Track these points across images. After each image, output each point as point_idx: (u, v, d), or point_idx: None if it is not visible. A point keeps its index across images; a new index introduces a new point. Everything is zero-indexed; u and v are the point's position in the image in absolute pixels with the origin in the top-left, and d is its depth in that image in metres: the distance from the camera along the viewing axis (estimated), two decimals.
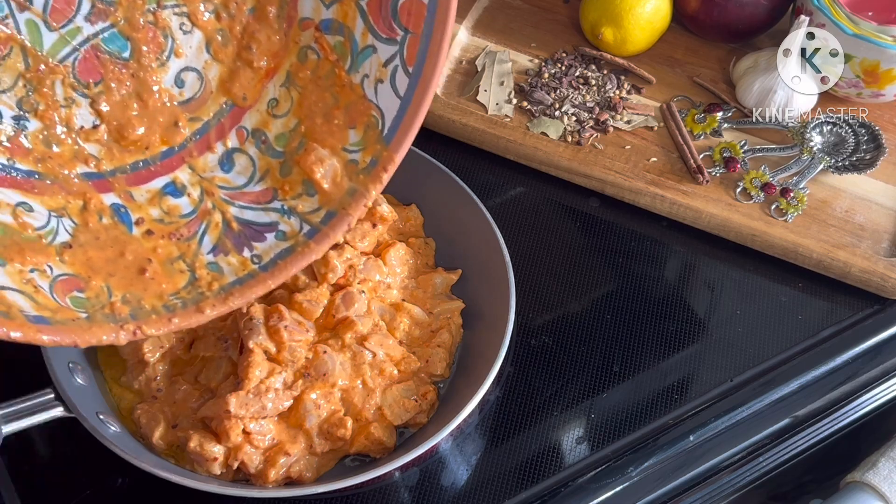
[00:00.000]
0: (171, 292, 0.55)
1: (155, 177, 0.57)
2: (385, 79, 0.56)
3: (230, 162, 0.59)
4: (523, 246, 0.70)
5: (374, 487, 0.59)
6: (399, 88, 0.56)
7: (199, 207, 0.58)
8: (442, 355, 0.61)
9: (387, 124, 0.57)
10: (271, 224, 0.58)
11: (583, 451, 0.61)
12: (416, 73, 0.55)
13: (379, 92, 0.57)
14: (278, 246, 0.58)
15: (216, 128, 0.58)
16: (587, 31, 0.82)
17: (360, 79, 0.57)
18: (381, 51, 0.56)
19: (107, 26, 0.52)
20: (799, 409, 0.65)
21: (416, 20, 0.54)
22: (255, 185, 0.59)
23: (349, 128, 0.58)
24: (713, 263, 0.73)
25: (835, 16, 0.74)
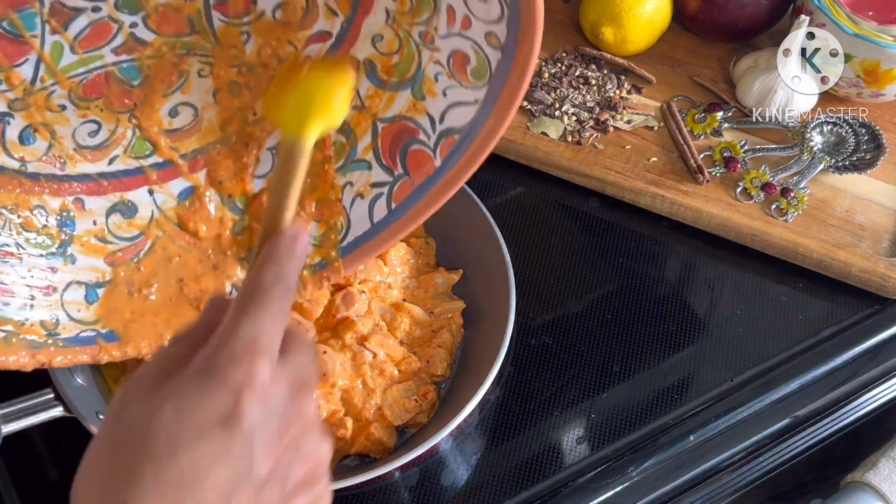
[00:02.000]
0: (90, 320, 0.54)
1: (113, 191, 0.56)
2: (366, 197, 0.57)
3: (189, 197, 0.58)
4: (523, 246, 0.70)
5: (374, 487, 0.59)
6: (374, 215, 0.56)
7: (143, 234, 0.57)
8: (443, 355, 0.61)
9: (348, 238, 0.57)
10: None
11: (583, 451, 0.61)
12: (397, 214, 0.56)
13: (355, 204, 0.57)
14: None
15: (190, 162, 0.57)
16: (587, 31, 0.82)
17: (343, 182, 0.57)
18: (374, 172, 0.57)
19: (130, 59, 0.51)
20: (799, 409, 0.65)
21: (420, 172, 0.55)
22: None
23: (314, 220, 0.58)
24: (713, 263, 0.73)
25: (835, 16, 0.74)
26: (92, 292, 0.55)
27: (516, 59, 0.47)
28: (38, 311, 0.53)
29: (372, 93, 0.56)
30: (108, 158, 0.55)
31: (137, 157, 0.55)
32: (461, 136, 0.52)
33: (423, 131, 0.54)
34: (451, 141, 0.53)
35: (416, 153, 0.55)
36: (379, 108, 0.56)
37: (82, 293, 0.55)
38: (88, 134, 0.53)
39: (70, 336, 0.54)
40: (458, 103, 0.52)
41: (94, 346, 0.54)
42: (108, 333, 0.55)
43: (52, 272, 0.54)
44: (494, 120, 0.50)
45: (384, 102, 0.55)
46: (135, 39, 0.51)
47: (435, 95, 0.53)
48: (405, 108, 0.55)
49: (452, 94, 0.52)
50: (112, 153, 0.55)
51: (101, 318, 0.55)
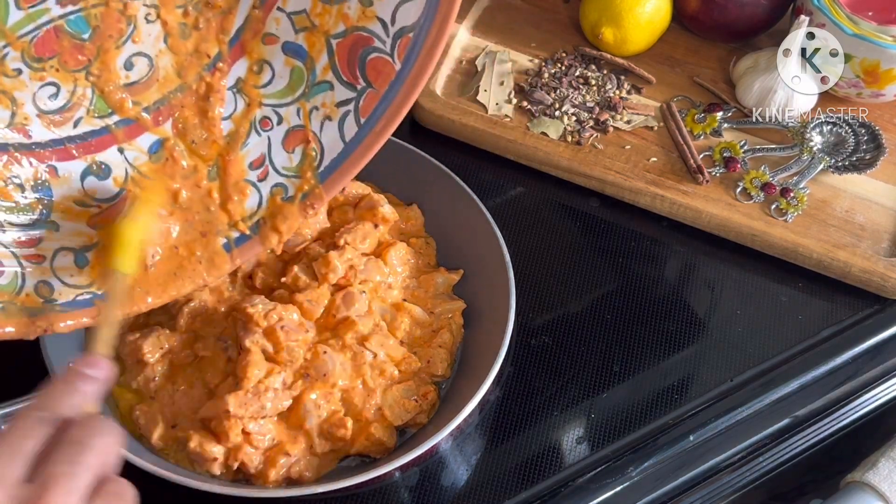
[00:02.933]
0: (84, 284, 0.55)
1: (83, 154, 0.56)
2: (334, 118, 0.57)
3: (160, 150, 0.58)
4: (523, 246, 0.70)
5: (374, 487, 0.59)
6: (346, 133, 0.56)
7: (122, 193, 0.57)
8: (443, 356, 0.61)
9: (324, 162, 0.57)
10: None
11: (583, 451, 0.61)
12: (368, 126, 0.55)
13: (324, 128, 0.57)
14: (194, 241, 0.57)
15: (154, 113, 0.57)
16: (587, 31, 0.82)
17: (309, 108, 0.57)
18: (337, 91, 0.56)
19: (76, 10, 0.51)
20: (799, 409, 0.65)
21: (382, 80, 0.54)
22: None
23: (287, 151, 0.58)
24: (713, 263, 0.73)
25: (835, 16, 0.74)
26: (81, 256, 0.55)
27: None
28: (31, 280, 0.53)
29: (320, 10, 0.56)
30: (72, 121, 0.55)
31: (101, 117, 0.55)
32: (416, 32, 0.52)
33: (377, 38, 0.54)
34: (406, 40, 0.53)
35: (375, 61, 0.54)
36: (330, 25, 0.56)
37: (71, 259, 0.55)
38: (48, 97, 0.53)
39: (67, 301, 0.54)
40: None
41: (92, 308, 0.55)
42: (105, 294, 0.55)
43: (38, 241, 0.54)
44: (445, 6, 0.50)
45: (334, 18, 0.55)
46: None
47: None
48: (355, 17, 0.54)
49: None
50: (76, 115, 0.55)
51: (96, 280, 0.55)
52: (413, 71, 0.53)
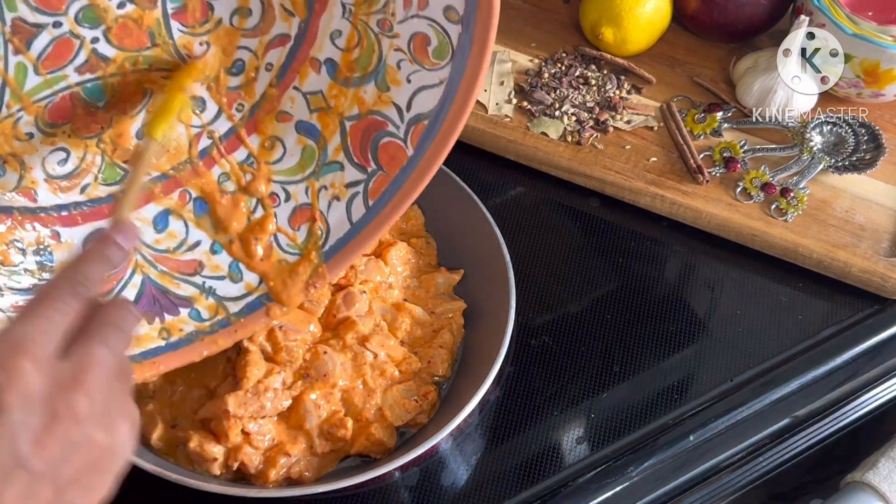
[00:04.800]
0: None
1: (87, 220, 0.55)
2: (342, 198, 0.57)
3: (164, 222, 0.57)
4: (523, 246, 0.70)
5: (374, 487, 0.59)
6: (353, 215, 0.56)
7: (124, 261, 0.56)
8: (444, 356, 0.61)
9: (329, 242, 0.57)
10: (188, 298, 0.57)
11: (583, 451, 0.61)
12: (375, 210, 0.56)
13: (332, 208, 0.57)
14: (189, 325, 0.57)
15: (163, 183, 0.57)
16: (587, 31, 0.82)
17: (318, 186, 0.57)
18: (347, 172, 0.56)
19: (93, 78, 0.51)
20: (799, 409, 0.65)
21: (394, 164, 0.55)
22: (183, 254, 0.58)
23: (293, 229, 0.58)
24: (713, 263, 0.73)
25: (835, 16, 0.74)
26: None
27: (476, 29, 0.47)
28: None
29: (336, 92, 0.55)
30: (79, 188, 0.54)
31: (108, 185, 0.55)
32: (430, 120, 0.52)
33: (391, 123, 0.54)
34: (421, 127, 0.53)
35: (388, 146, 0.55)
36: (345, 107, 0.56)
37: None
38: (58, 163, 0.53)
39: None
40: (424, 87, 0.52)
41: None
42: None
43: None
44: (462, 97, 0.50)
45: (349, 100, 0.55)
46: (97, 56, 0.50)
47: (399, 84, 0.53)
48: (371, 102, 0.54)
49: (417, 79, 0.52)
50: (83, 181, 0.54)
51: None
52: (425, 157, 0.53)
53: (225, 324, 0.57)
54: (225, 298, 0.58)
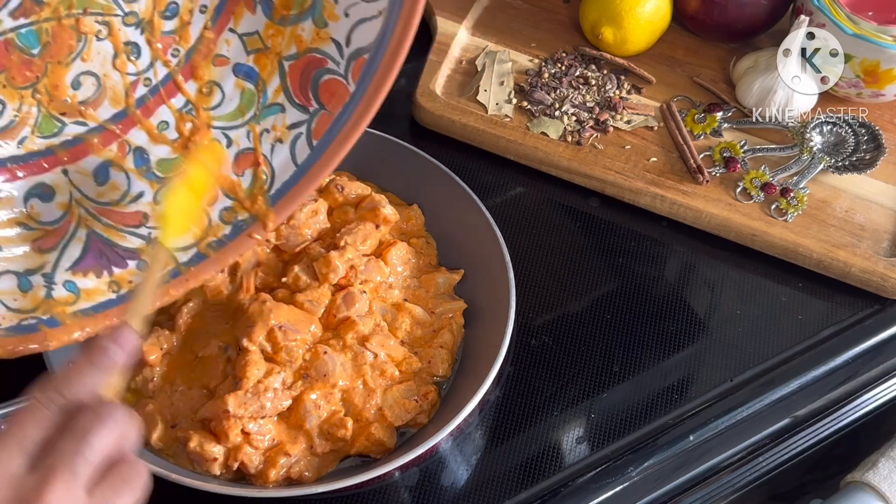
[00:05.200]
0: (29, 308, 0.54)
1: (27, 175, 0.55)
2: (285, 140, 0.56)
3: (105, 174, 0.57)
4: (523, 246, 0.70)
5: (374, 487, 0.59)
6: (297, 156, 0.55)
7: (66, 216, 0.56)
8: (444, 356, 0.61)
9: (275, 185, 0.56)
10: (135, 250, 0.56)
11: (583, 451, 0.61)
12: (320, 149, 0.54)
13: (275, 150, 0.56)
14: (138, 277, 0.56)
15: (101, 134, 0.56)
16: (587, 31, 0.82)
17: (260, 130, 0.56)
18: (289, 113, 0.56)
19: (27, 23, 0.50)
20: (799, 409, 0.65)
21: (336, 101, 0.54)
22: (127, 206, 0.57)
23: (237, 175, 0.57)
24: (713, 263, 0.73)
25: (835, 16, 0.74)
26: (24, 280, 0.54)
27: None
28: None
29: (273, 31, 0.55)
30: (17, 140, 0.54)
31: (46, 137, 0.54)
32: (371, 54, 0.51)
33: (331, 59, 0.53)
34: (362, 61, 0.52)
35: (328, 83, 0.54)
36: (283, 47, 0.55)
37: (15, 282, 0.54)
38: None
39: (12, 325, 0.53)
40: (362, 20, 0.51)
41: (38, 333, 0.54)
42: (50, 320, 0.54)
43: None
44: (402, 26, 0.49)
45: (287, 39, 0.55)
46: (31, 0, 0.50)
47: (337, 19, 0.52)
48: (309, 39, 0.54)
49: (355, 12, 0.51)
50: (20, 134, 0.54)
51: (41, 305, 0.54)
52: (368, 92, 0.52)
53: (175, 273, 0.56)
54: (173, 249, 0.56)
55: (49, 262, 0.55)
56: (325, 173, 0.55)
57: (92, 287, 0.55)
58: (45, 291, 0.55)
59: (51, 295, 0.54)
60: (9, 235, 0.54)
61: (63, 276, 0.55)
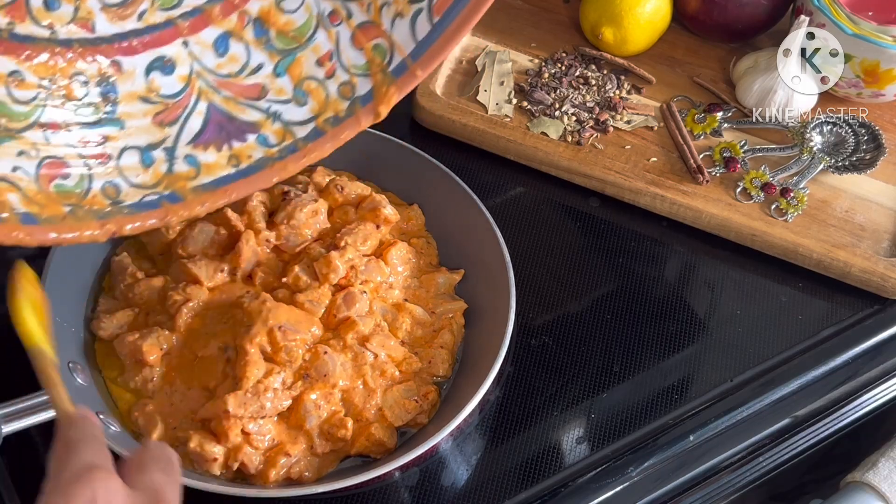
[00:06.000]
0: (151, 184, 0.54)
1: (147, 48, 0.55)
2: (406, 15, 0.55)
3: (225, 46, 0.57)
4: (523, 246, 0.70)
5: (374, 487, 0.59)
6: (418, 32, 0.55)
7: (187, 89, 0.56)
8: (444, 356, 0.61)
9: (394, 60, 0.55)
10: (254, 124, 0.57)
11: (583, 451, 0.61)
12: (440, 27, 0.54)
13: (396, 25, 0.55)
14: (258, 152, 0.56)
15: (221, 4, 0.56)
16: (587, 31, 0.82)
17: (380, 2, 0.56)
18: None
19: None
20: (799, 409, 0.65)
21: None
22: (246, 78, 0.57)
23: (356, 48, 0.56)
24: (713, 263, 0.73)
25: (835, 16, 0.74)
26: (147, 155, 0.55)
27: None
28: (98, 181, 0.53)
29: None
30: (136, 14, 0.54)
31: (166, 9, 0.55)
32: None
33: None
34: None
35: None
36: None
37: (137, 157, 0.55)
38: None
39: (134, 202, 0.54)
40: None
41: (159, 209, 0.54)
42: (171, 195, 0.55)
43: (103, 140, 0.53)
44: None
45: None
46: None
47: None
48: None
49: None
50: (140, 8, 0.54)
51: (162, 180, 0.55)
52: None
53: (293, 149, 0.57)
54: (291, 123, 0.57)
55: (170, 135, 0.56)
56: (447, 52, 0.54)
57: (212, 161, 0.56)
58: (166, 166, 0.55)
59: (172, 169, 0.55)
60: (131, 110, 0.55)
61: (184, 150, 0.56)
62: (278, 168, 0.57)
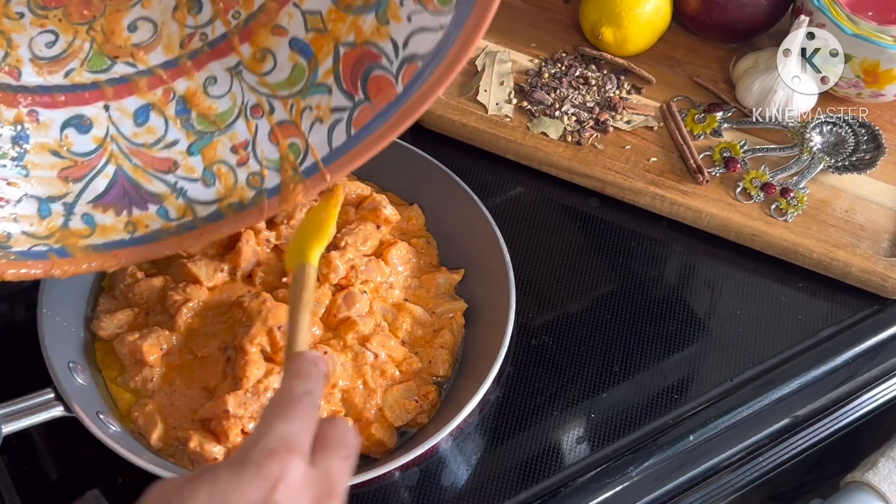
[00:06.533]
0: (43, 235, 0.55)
1: (68, 105, 0.56)
2: (325, 121, 0.56)
3: (145, 116, 0.58)
4: (523, 246, 0.70)
5: (374, 487, 0.59)
6: (334, 140, 0.56)
7: (99, 150, 0.57)
8: (444, 356, 0.61)
9: (307, 161, 0.57)
10: (158, 196, 0.58)
11: (583, 451, 0.61)
12: (356, 139, 0.55)
13: (314, 128, 0.57)
14: (156, 223, 0.57)
15: (148, 78, 0.57)
16: (587, 31, 0.82)
17: (303, 105, 0.57)
18: (335, 96, 0.56)
19: None
20: (799, 409, 0.65)
21: (382, 98, 0.54)
22: (160, 151, 0.58)
23: (272, 143, 0.58)
24: (713, 263, 0.73)
25: (835, 16, 0.74)
26: (45, 206, 0.56)
27: None
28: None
29: (335, 16, 0.55)
30: (64, 71, 0.55)
31: (94, 72, 0.56)
32: (424, 63, 0.52)
33: (385, 56, 0.54)
34: (413, 67, 0.53)
35: (378, 79, 0.54)
36: (342, 33, 0.56)
37: (35, 207, 0.55)
38: (45, 45, 0.54)
39: (22, 250, 0.54)
40: (423, 29, 0.52)
41: (46, 260, 0.55)
42: (61, 249, 0.55)
43: (4, 184, 0.54)
44: (459, 47, 0.50)
45: (347, 27, 0.55)
46: None
47: (399, 20, 0.53)
48: (368, 32, 0.54)
49: (417, 20, 0.52)
50: (68, 66, 0.55)
51: (55, 233, 0.55)
52: (414, 98, 0.53)
53: (191, 226, 0.58)
54: (195, 201, 0.58)
55: (73, 192, 0.56)
56: (355, 165, 0.55)
57: (109, 224, 0.57)
58: (62, 220, 0.56)
59: (67, 224, 0.56)
60: (39, 161, 0.56)
61: (83, 209, 0.57)
62: (173, 242, 0.58)
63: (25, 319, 0.60)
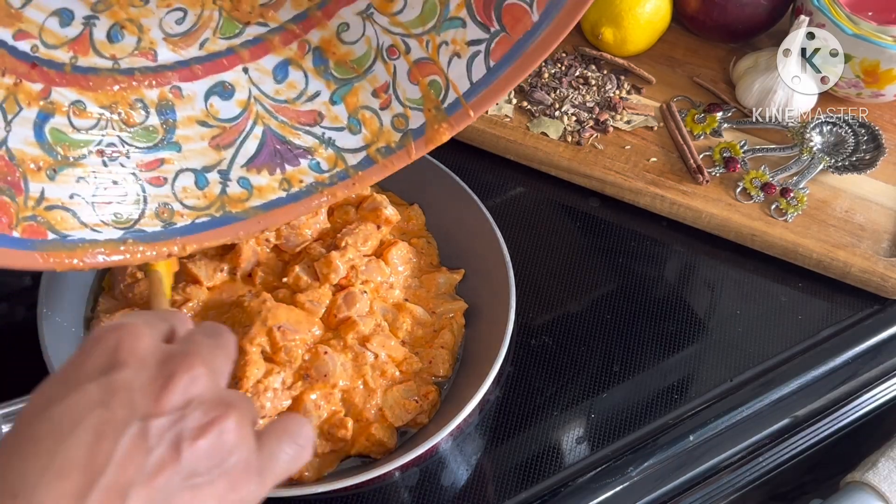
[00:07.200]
0: (204, 206, 0.56)
1: (208, 74, 0.57)
2: (463, 56, 0.56)
3: (284, 73, 0.58)
4: (523, 246, 0.70)
5: (374, 487, 0.59)
6: (473, 74, 0.56)
7: (244, 114, 0.58)
8: (445, 356, 0.61)
9: (448, 98, 0.57)
10: (308, 149, 0.58)
11: (583, 451, 0.61)
12: (496, 72, 0.55)
13: (452, 64, 0.56)
14: (309, 176, 0.58)
15: (281, 34, 0.57)
16: (587, 31, 0.82)
17: (439, 41, 0.57)
18: (469, 29, 0.56)
19: None
20: (799, 409, 0.65)
21: (518, 28, 0.54)
22: (303, 104, 0.59)
23: (412, 82, 0.58)
24: (713, 263, 0.73)
25: (835, 16, 0.74)
26: (202, 177, 0.57)
27: None
28: (153, 203, 0.55)
29: None
30: (198, 42, 0.56)
31: (227, 38, 0.56)
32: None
33: None
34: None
35: (512, 7, 0.53)
36: None
37: (192, 180, 0.57)
38: (175, 22, 0.54)
39: (186, 224, 0.56)
40: None
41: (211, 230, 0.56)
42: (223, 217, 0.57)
43: (160, 163, 0.55)
44: None
45: None
46: None
47: None
48: None
49: None
50: (202, 37, 0.56)
51: (215, 201, 0.57)
52: (550, 27, 0.52)
53: (343, 176, 0.59)
54: (343, 150, 0.59)
55: (226, 158, 0.57)
56: (501, 95, 0.55)
57: (265, 184, 0.58)
58: (220, 188, 0.57)
59: (225, 192, 0.57)
60: (188, 133, 0.57)
61: (238, 173, 0.58)
62: (327, 194, 0.59)
63: (25, 319, 0.60)
